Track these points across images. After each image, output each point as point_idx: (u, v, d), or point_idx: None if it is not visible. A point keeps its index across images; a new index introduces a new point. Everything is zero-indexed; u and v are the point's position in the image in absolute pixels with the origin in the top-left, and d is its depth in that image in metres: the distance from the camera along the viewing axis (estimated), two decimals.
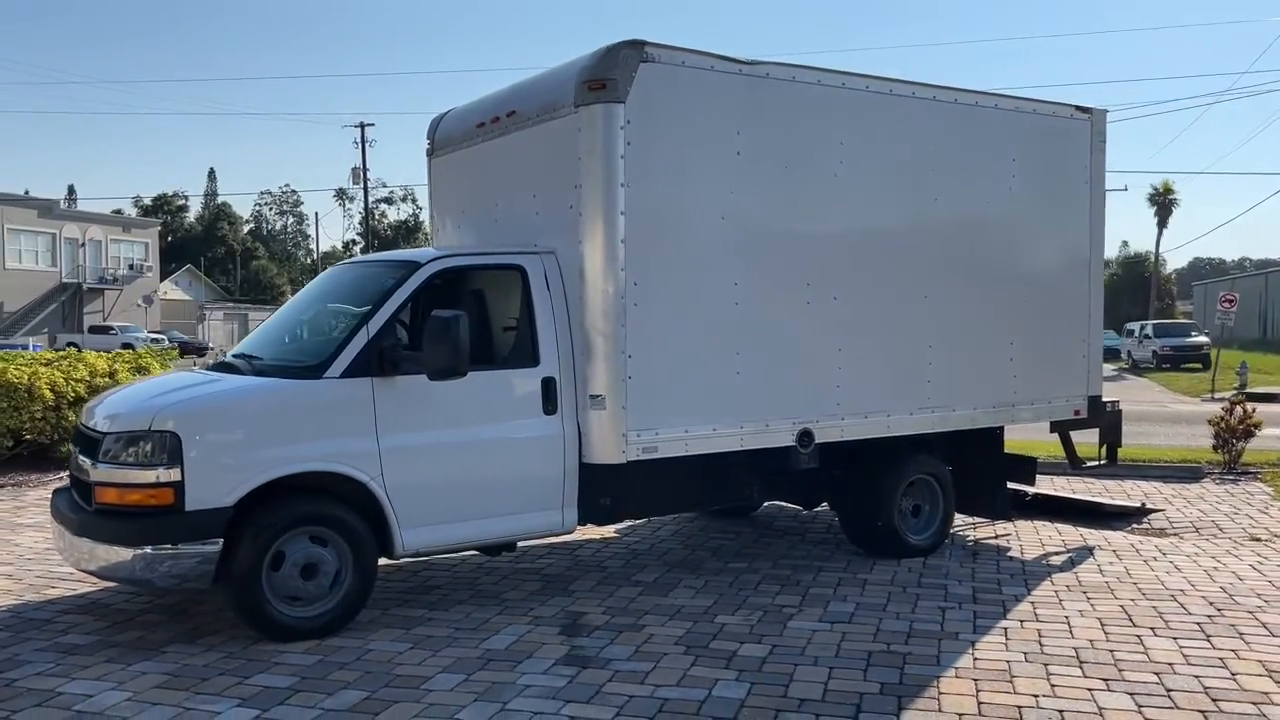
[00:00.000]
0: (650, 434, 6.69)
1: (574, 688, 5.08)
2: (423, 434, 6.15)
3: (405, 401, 6.11)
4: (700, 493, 7.60)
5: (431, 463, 6.17)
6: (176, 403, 5.91)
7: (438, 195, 8.42)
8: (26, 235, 55.16)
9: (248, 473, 5.67)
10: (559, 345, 6.62)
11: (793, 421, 7.29)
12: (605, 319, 6.55)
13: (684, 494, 7.51)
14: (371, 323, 6.11)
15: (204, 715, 4.73)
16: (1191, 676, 5.22)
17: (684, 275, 6.87)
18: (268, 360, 6.37)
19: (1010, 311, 8.39)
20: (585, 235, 6.58)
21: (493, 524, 6.43)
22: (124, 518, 5.61)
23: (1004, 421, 8.51)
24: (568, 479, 6.62)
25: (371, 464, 5.97)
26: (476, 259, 6.95)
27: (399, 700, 4.92)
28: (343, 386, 5.96)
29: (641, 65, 6.57)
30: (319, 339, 6.31)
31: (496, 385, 6.54)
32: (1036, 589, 6.99)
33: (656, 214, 6.70)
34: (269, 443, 5.77)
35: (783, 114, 7.21)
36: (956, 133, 8.06)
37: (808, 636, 5.91)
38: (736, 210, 7.03)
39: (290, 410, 5.89)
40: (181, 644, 5.77)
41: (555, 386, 6.57)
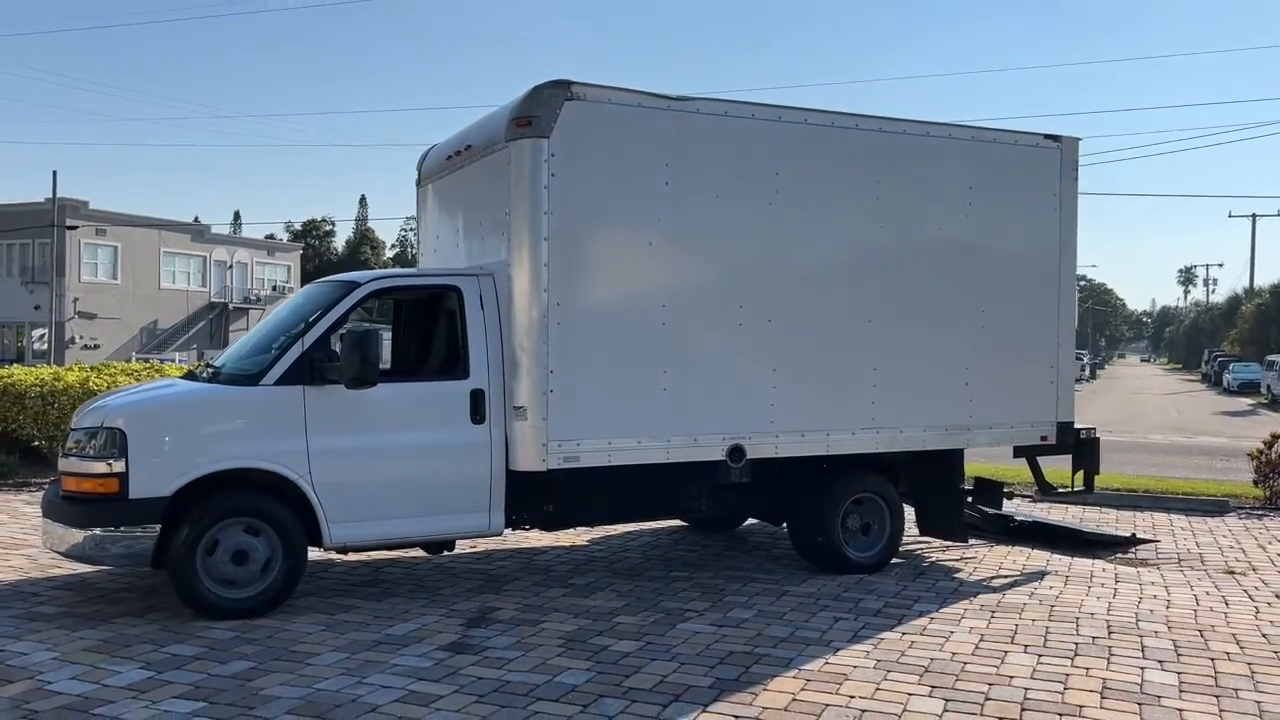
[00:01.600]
0: (572, 444, 7.16)
1: (434, 669, 5.59)
2: (351, 437, 6.79)
3: (336, 408, 6.76)
4: (647, 503, 8.02)
5: (359, 464, 6.80)
6: (128, 404, 6.73)
7: (422, 222, 9.14)
8: (180, 258, 59.34)
9: (184, 467, 6.42)
10: (489, 359, 7.17)
11: (723, 437, 7.64)
12: (529, 336, 7.08)
13: (630, 503, 7.95)
14: (307, 336, 6.80)
15: (106, 674, 5.45)
16: (1020, 689, 5.35)
17: (608, 297, 7.34)
18: (224, 369, 7.15)
19: (966, 337, 8.52)
20: (513, 259, 7.14)
21: (419, 523, 7.02)
22: (79, 504, 6.44)
23: (958, 444, 8.62)
24: (494, 484, 7.15)
25: (300, 463, 6.64)
26: (414, 280, 7.61)
27: (277, 670, 5.53)
28: (276, 393, 6.66)
29: (566, 103, 7.10)
30: (267, 350, 7.03)
31: (428, 394, 7.15)
32: (948, 607, 7.12)
33: (580, 240, 7.20)
34: (205, 441, 6.51)
35: (714, 147, 7.61)
36: (905, 163, 8.28)
37: (686, 637, 6.26)
38: (664, 237, 7.47)
39: (226, 413, 6.63)
40: (131, 617, 6.55)
41: (484, 398, 7.13)
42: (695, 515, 8.86)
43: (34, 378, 13.67)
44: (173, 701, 5.06)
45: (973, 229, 8.54)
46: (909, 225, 8.33)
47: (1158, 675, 5.64)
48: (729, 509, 8.69)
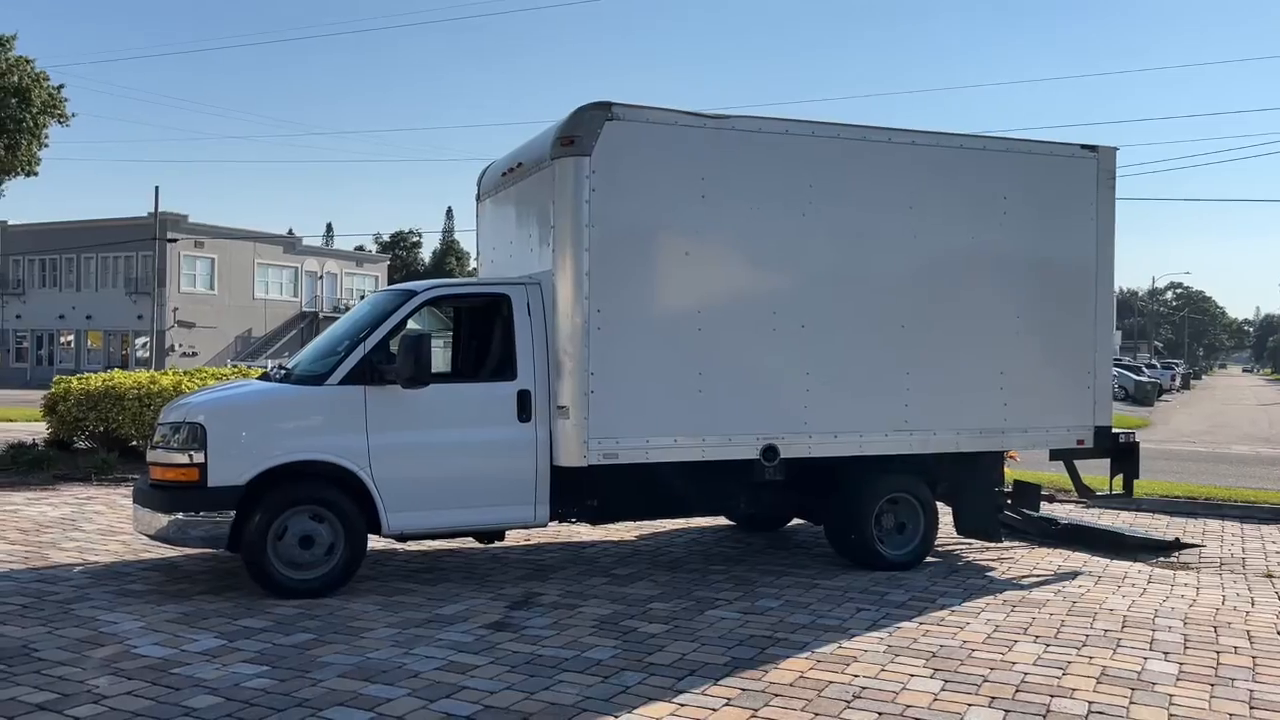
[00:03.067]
0: (611, 442, 7.64)
1: (475, 643, 6.11)
2: (408, 433, 7.38)
3: (393, 406, 7.35)
4: (686, 499, 8.45)
5: (415, 458, 7.38)
6: (207, 402, 7.43)
7: (480, 235, 9.73)
8: (274, 269, 61.68)
9: (257, 459, 7.07)
10: (535, 362, 7.70)
11: (757, 437, 8.04)
12: (572, 341, 7.59)
13: (670, 500, 8.39)
14: (368, 340, 7.42)
15: (185, 641, 6.10)
16: (1019, 673, 5.65)
17: (647, 304, 7.81)
18: (295, 370, 7.80)
19: (1000, 342, 8.77)
20: (558, 268, 7.66)
21: (470, 514, 7.57)
22: (164, 491, 7.14)
23: (992, 447, 8.86)
24: (540, 479, 7.67)
25: (362, 457, 7.24)
26: (467, 288, 8.19)
27: (334, 642, 6.11)
28: (340, 392, 7.28)
29: (607, 123, 7.61)
30: (333, 353, 7.67)
31: (478, 394, 7.71)
32: (971, 601, 7.39)
33: (620, 251, 7.69)
34: (277, 436, 7.16)
35: (748, 161, 8.03)
36: (938, 174, 8.58)
37: (711, 622, 6.67)
38: (700, 247, 7.91)
39: (295, 410, 7.28)
40: (210, 595, 7.23)
41: (530, 398, 7.65)
42: (734, 512, 9.26)
43: (132, 380, 14.70)
44: (241, 665, 5.66)
45: (1007, 237, 8.79)
46: (943, 233, 8.62)
47: (1159, 665, 5.87)
48: (767, 507, 9.07)
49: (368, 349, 7.38)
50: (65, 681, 5.34)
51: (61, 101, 26.61)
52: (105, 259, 56.52)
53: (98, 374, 15.78)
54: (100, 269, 57.09)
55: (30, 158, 26.65)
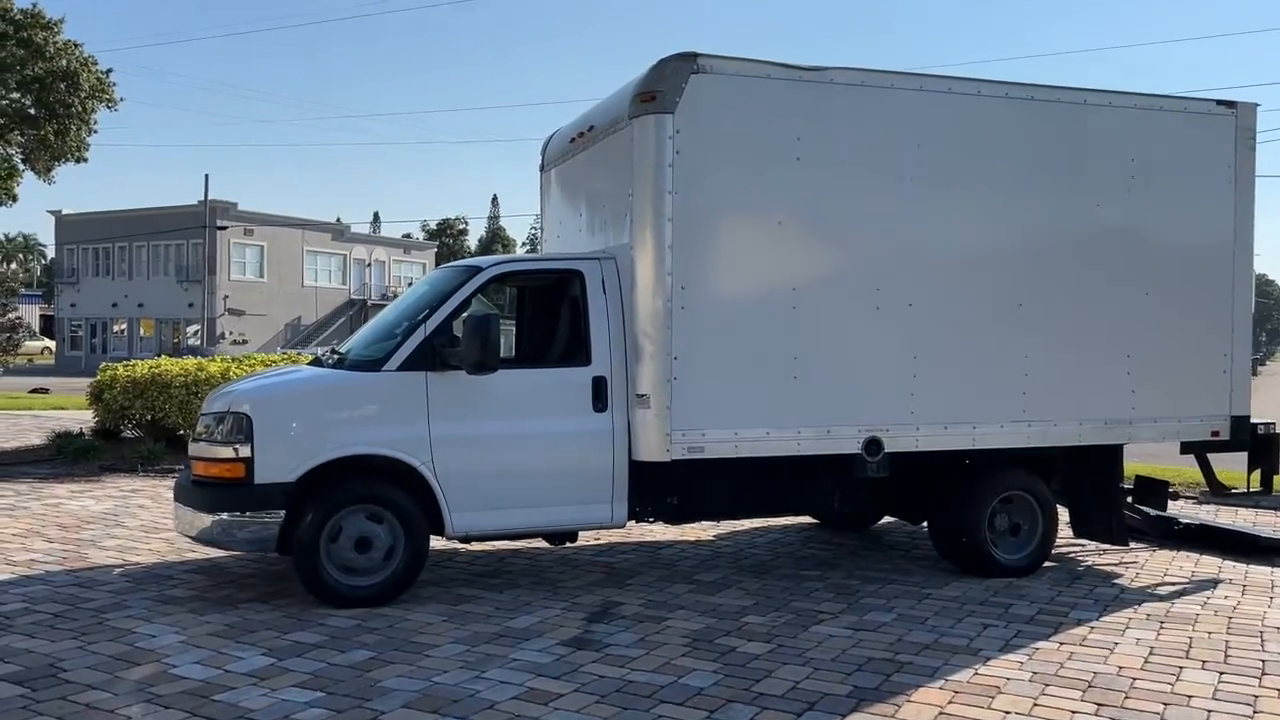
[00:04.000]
0: (696, 434, 6.84)
1: (554, 665, 5.36)
2: (473, 424, 6.64)
3: (457, 394, 6.61)
4: (776, 498, 7.65)
5: (480, 451, 6.64)
6: (253, 390, 6.74)
7: (545, 208, 8.95)
8: (322, 256, 61.57)
9: (309, 453, 6.37)
10: (612, 346, 6.92)
11: (859, 428, 7.20)
12: (652, 322, 6.79)
13: (758, 498, 7.59)
14: (429, 321, 6.67)
15: (229, 659, 5.40)
16: (1203, 711, 4.77)
17: (736, 280, 6.99)
18: (350, 355, 7.08)
19: (1127, 322, 7.83)
20: (635, 241, 6.86)
21: (541, 513, 6.81)
22: (207, 488, 6.46)
23: (1118, 439, 7.93)
24: (617, 474, 6.90)
25: (422, 450, 6.51)
26: (536, 264, 7.41)
27: (396, 662, 5.39)
28: (398, 379, 6.55)
29: (692, 76, 6.78)
30: (390, 336, 6.94)
31: (549, 381, 6.94)
32: (1110, 615, 6.51)
33: (706, 220, 6.87)
34: (329, 427, 6.45)
35: (849, 119, 7.17)
36: (1059, 134, 7.66)
37: (819, 641, 5.86)
38: (795, 216, 7.07)
39: (350, 399, 6.55)
40: (258, 603, 6.55)
41: (606, 385, 6.88)
42: (827, 511, 8.42)
43: (179, 368, 14.16)
44: (291, 690, 4.96)
45: (1135, 205, 7.84)
46: (1064, 201, 7.70)
47: None
48: (863, 505, 8.23)
49: (429, 331, 6.63)
50: (94, 711, 4.66)
51: (110, 86, 26.34)
52: (156, 247, 56.71)
53: (144, 361, 15.29)
54: (152, 257, 57.30)
55: (79, 143, 26.44)
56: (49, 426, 16.01)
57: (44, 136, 25.30)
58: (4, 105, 25.53)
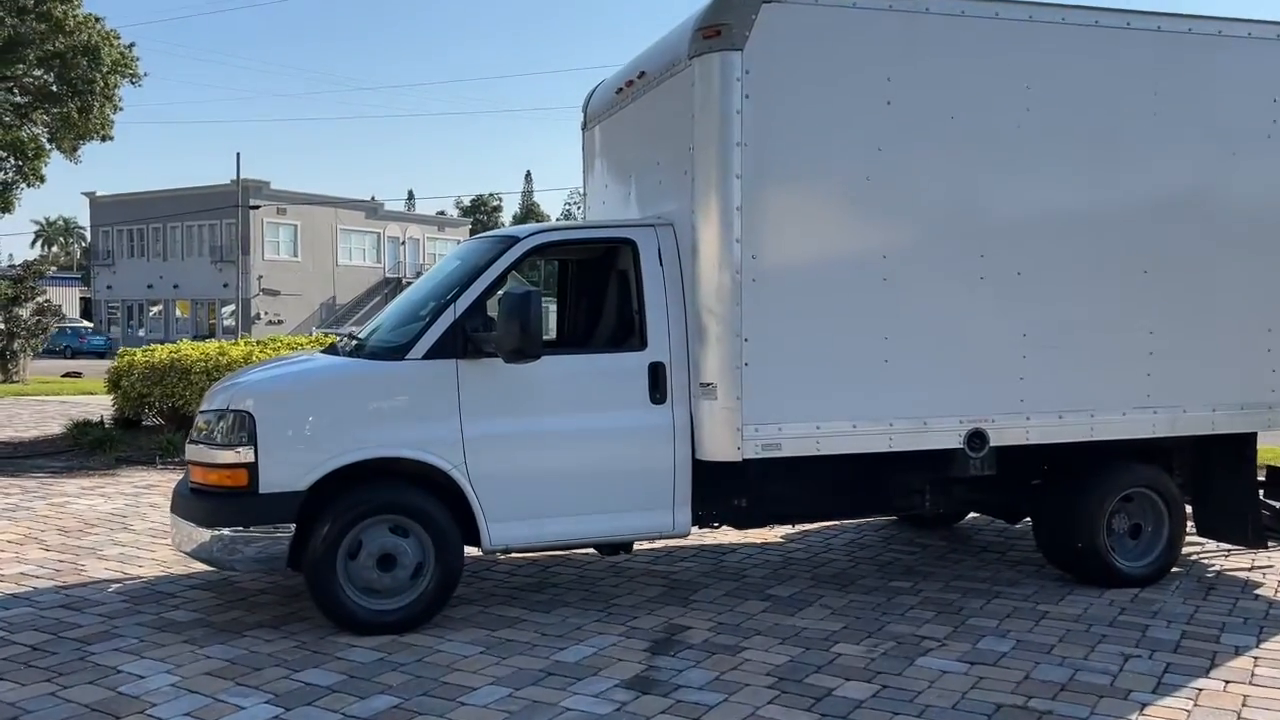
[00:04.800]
0: (772, 429, 5.85)
1: (615, 715, 4.42)
2: (512, 420, 5.70)
3: (493, 385, 5.68)
4: (858, 499, 6.67)
5: (521, 452, 5.71)
6: (257, 383, 5.83)
7: (588, 170, 7.95)
8: (356, 235, 60.97)
9: (322, 456, 5.45)
10: (670, 327, 5.94)
11: (960, 419, 6.18)
12: (718, 297, 5.79)
13: (838, 499, 6.63)
14: (459, 301, 5.72)
15: (226, 709, 4.51)
16: None
17: (816, 247, 5.97)
18: (369, 341, 6.15)
19: (1269, 292, 6.73)
20: (698, 203, 5.85)
21: (591, 522, 5.87)
22: (206, 498, 5.58)
23: (1259, 427, 6.84)
24: (678, 476, 5.94)
25: (454, 451, 5.59)
26: (582, 233, 6.40)
27: (424, 713, 4.47)
28: (425, 369, 5.62)
29: (763, 6, 5.74)
30: (416, 319, 6.01)
31: (599, 369, 5.97)
32: (1272, 640, 5.47)
33: (781, 177, 5.85)
34: (345, 426, 5.53)
35: (948, 56, 6.10)
36: (1190, 72, 6.53)
37: (932, 679, 4.87)
38: (886, 170, 6.03)
39: (368, 393, 5.62)
40: (268, 629, 5.67)
41: (665, 372, 5.90)
42: (915, 512, 7.41)
43: (199, 352, 13.36)
44: None
45: (1277, 155, 6.71)
46: (1197, 150, 6.59)
47: None
48: (958, 504, 7.22)
49: (459, 312, 5.68)
50: None
51: (133, 60, 25.61)
52: (190, 228, 56.40)
53: (164, 346, 14.53)
54: (185, 238, 57.02)
55: (104, 120, 25.75)
56: (75, 414, 15.37)
57: (67, 114, 24.65)
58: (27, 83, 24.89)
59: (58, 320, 27.14)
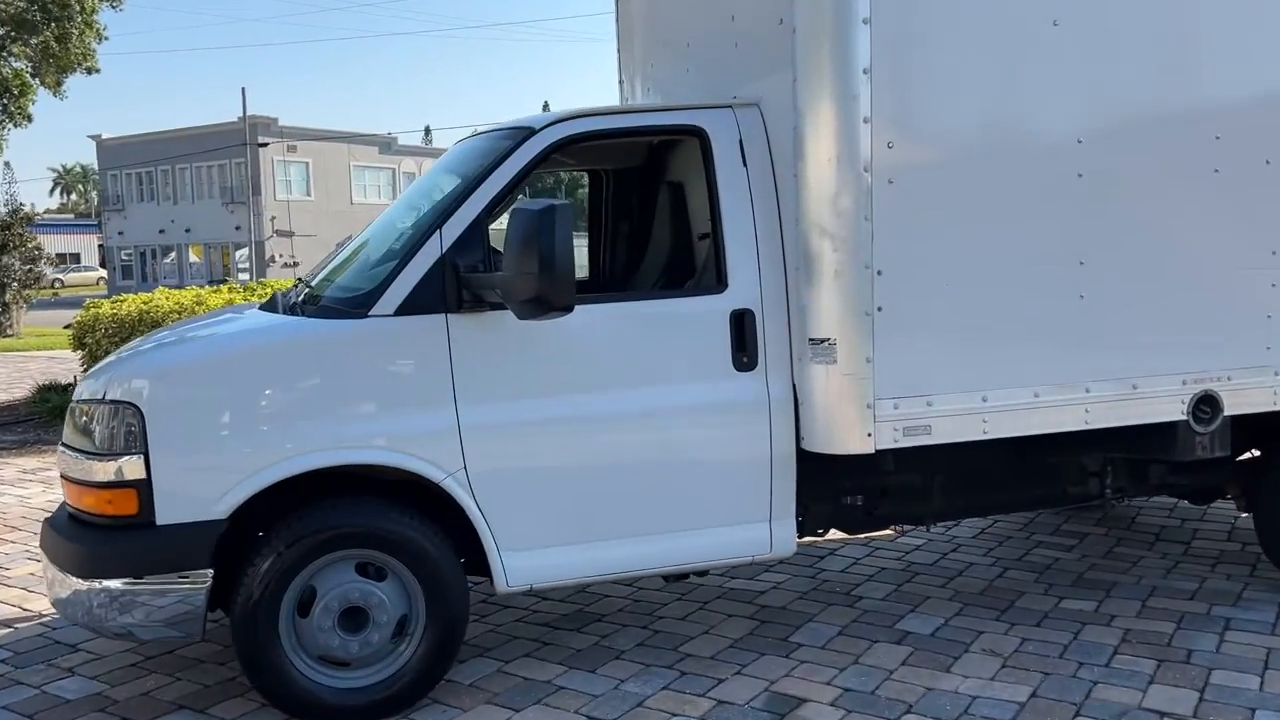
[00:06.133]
0: (917, 404, 3.96)
1: None
2: (530, 402, 3.83)
3: (501, 352, 3.80)
4: (1014, 489, 4.80)
5: (545, 448, 3.86)
6: (149, 359, 3.96)
7: (626, 44, 5.93)
8: (370, 171, 58.75)
9: (250, 467, 3.61)
10: (761, 257, 4.02)
11: (1183, 379, 4.26)
12: (835, 210, 3.85)
13: (985, 491, 4.76)
14: (448, 227, 3.82)
15: None
16: None
17: (978, 131, 4.01)
18: (323, 290, 4.24)
19: None
20: (802, 70, 3.88)
21: (650, 545, 4.02)
22: (81, 531, 3.75)
23: None
24: (778, 475, 4.07)
25: (447, 450, 3.74)
26: (627, 120, 4.36)
27: None
28: (399, 329, 3.74)
29: None
30: (388, 256, 4.13)
31: (655, 324, 4.06)
32: None
33: (927, 23, 3.87)
34: (283, 420, 3.67)
35: None
36: None
37: None
38: (1079, 11, 4.02)
39: (316, 368, 3.74)
40: (188, 713, 3.89)
41: (754, 325, 4.00)
42: (1091, 503, 5.49)
43: (173, 302, 11.55)
44: None
45: None
46: None
47: None
48: (1150, 488, 5.29)
49: (447, 244, 3.79)
50: None
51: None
52: (199, 169, 54.43)
53: (136, 295, 12.75)
54: (195, 180, 55.09)
55: (85, 50, 23.76)
56: (57, 372, 13.73)
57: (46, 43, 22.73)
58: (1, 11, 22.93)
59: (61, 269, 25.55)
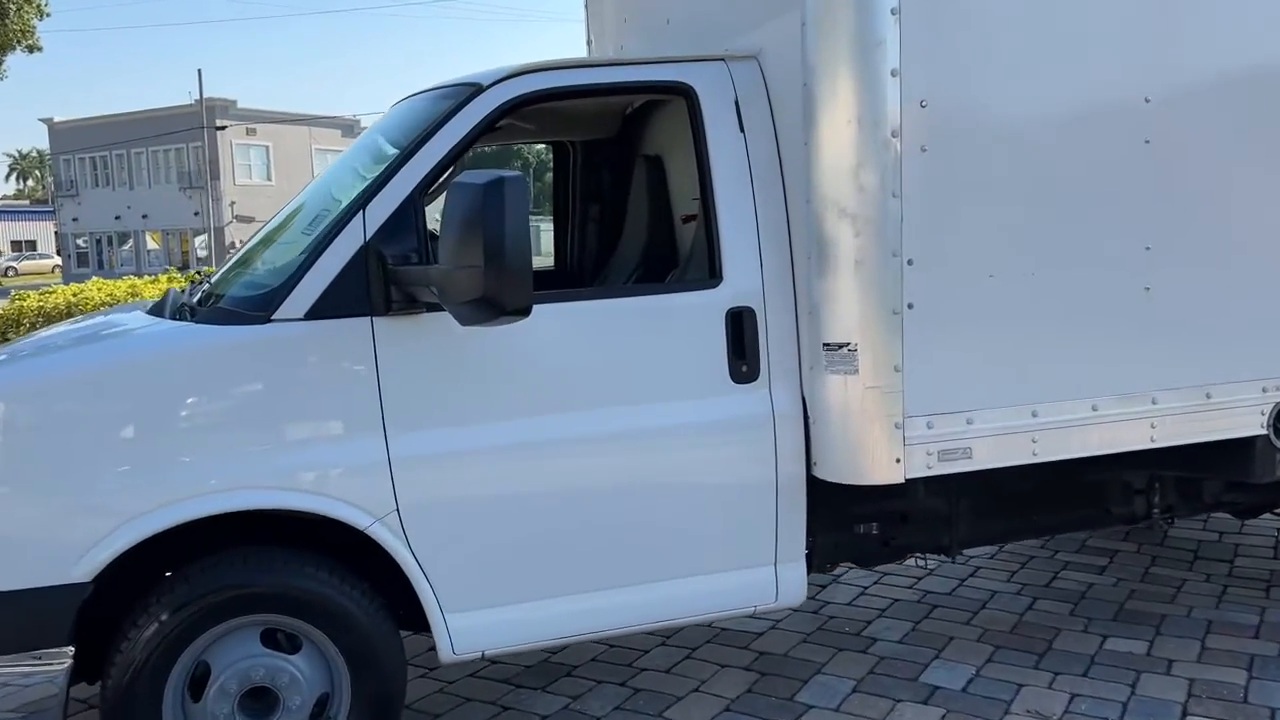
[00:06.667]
0: (957, 421, 3.24)
1: None
2: (480, 428, 3.07)
3: (441, 364, 3.04)
4: (1052, 512, 4.12)
5: (499, 483, 3.10)
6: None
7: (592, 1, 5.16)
8: (333, 155, 57.27)
9: (121, 513, 2.83)
10: (763, 244, 3.28)
11: (1264, 386, 3.57)
12: (855, 183, 3.11)
13: (1020, 515, 4.07)
14: (372, 208, 3.04)
15: None
16: None
17: (1029, 80, 3.28)
18: (224, 289, 3.44)
19: None
20: (813, 8, 3.13)
21: (632, 598, 3.28)
22: None
23: None
24: (784, 509, 3.34)
25: (376, 489, 2.97)
26: (598, 75, 3.55)
27: None
28: (309, 337, 2.96)
29: None
30: (298, 248, 3.35)
31: (634, 325, 3.30)
32: None
33: None
34: (154, 456, 2.88)
35: None
36: None
37: None
38: None
39: (198, 389, 2.95)
40: None
41: (755, 326, 3.26)
42: (1137, 524, 4.81)
43: (105, 293, 10.72)
44: None
45: None
46: None
47: None
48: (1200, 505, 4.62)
49: (372, 229, 3.01)
50: None
51: None
52: (155, 153, 52.90)
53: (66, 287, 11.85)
54: (151, 164, 53.56)
55: (25, 27, 22.59)
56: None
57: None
58: None
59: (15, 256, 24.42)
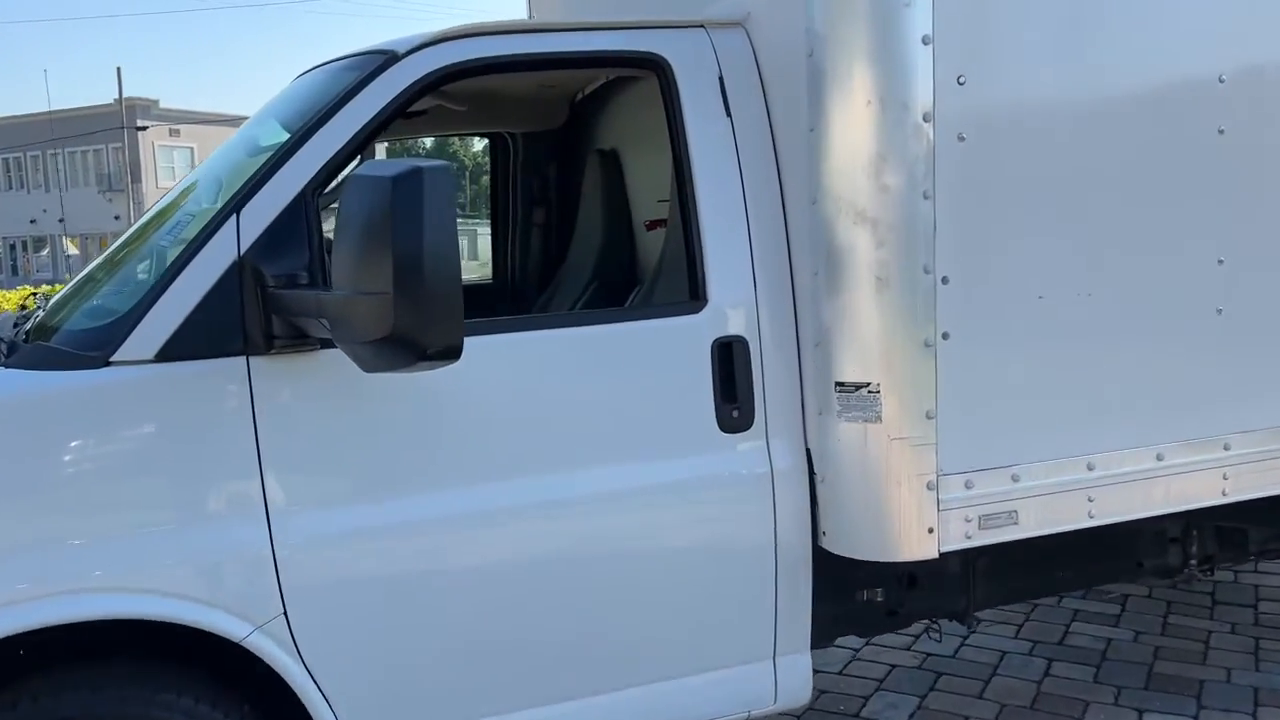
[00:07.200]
0: (1001, 479, 2.59)
1: None
2: (394, 502, 2.34)
3: (343, 418, 2.30)
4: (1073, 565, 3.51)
5: (422, 572, 2.38)
6: None
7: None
8: None
9: None
10: (756, 257, 2.61)
11: None
12: (876, 180, 2.45)
13: (1038, 570, 3.45)
14: (249, 212, 2.28)
15: None
16: None
17: (1085, 53, 2.65)
18: (59, 320, 2.65)
19: None
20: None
21: (594, 712, 2.58)
22: None
23: None
24: (784, 588, 2.68)
25: (255, 587, 2.23)
26: (546, 43, 2.80)
27: None
28: (161, 385, 2.20)
29: None
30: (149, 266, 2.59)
31: (594, 365, 2.59)
32: None
33: None
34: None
35: None
36: None
37: None
38: None
39: (27, 454, 2.17)
40: None
41: (748, 361, 2.58)
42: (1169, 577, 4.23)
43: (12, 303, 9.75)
44: None
45: None
46: None
47: None
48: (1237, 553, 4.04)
49: (248, 241, 2.26)
50: None
51: None
52: (73, 154, 50.89)
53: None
54: (69, 166, 51.50)
55: None
56: None
57: None
58: None
59: None
